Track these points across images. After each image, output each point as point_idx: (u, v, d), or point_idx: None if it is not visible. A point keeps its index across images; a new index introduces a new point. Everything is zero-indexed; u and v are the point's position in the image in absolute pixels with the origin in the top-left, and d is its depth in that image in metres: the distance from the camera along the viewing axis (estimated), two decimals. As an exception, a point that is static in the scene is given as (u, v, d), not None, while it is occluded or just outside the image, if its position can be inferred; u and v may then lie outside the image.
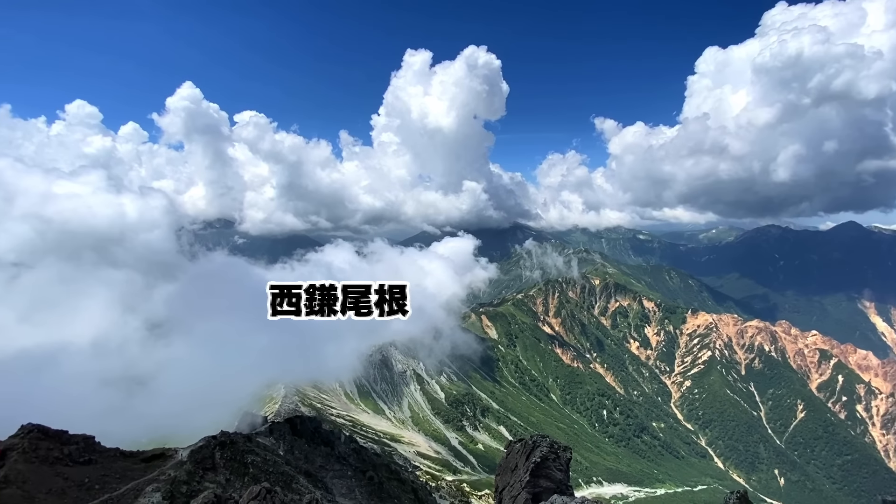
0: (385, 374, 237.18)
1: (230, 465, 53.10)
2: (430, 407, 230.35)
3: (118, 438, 60.70)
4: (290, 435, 69.63)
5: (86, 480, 46.72)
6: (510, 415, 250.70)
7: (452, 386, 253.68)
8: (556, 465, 28.76)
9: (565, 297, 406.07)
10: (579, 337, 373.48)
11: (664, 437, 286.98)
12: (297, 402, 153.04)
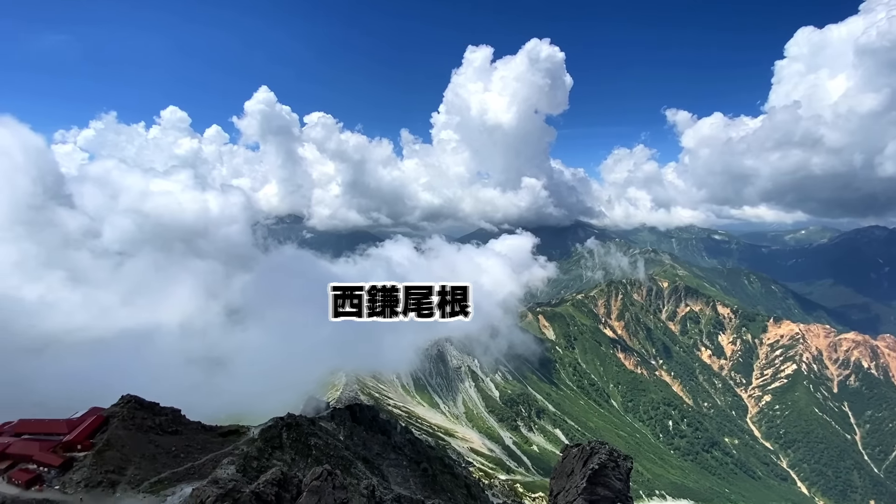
0: (440, 369, 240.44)
1: (295, 445, 56.71)
2: (485, 404, 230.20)
3: (200, 413, 66.91)
4: (349, 421, 72.95)
5: (172, 449, 52.11)
6: (567, 418, 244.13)
7: (507, 385, 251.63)
8: (615, 474, 27.60)
9: (629, 299, 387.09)
10: (644, 342, 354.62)
11: (738, 454, 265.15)
12: (356, 391, 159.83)
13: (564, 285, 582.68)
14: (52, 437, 48.31)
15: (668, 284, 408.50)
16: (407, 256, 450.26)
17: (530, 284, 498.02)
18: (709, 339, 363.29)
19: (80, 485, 40.39)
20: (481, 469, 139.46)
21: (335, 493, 29.50)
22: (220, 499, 26.80)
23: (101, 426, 50.64)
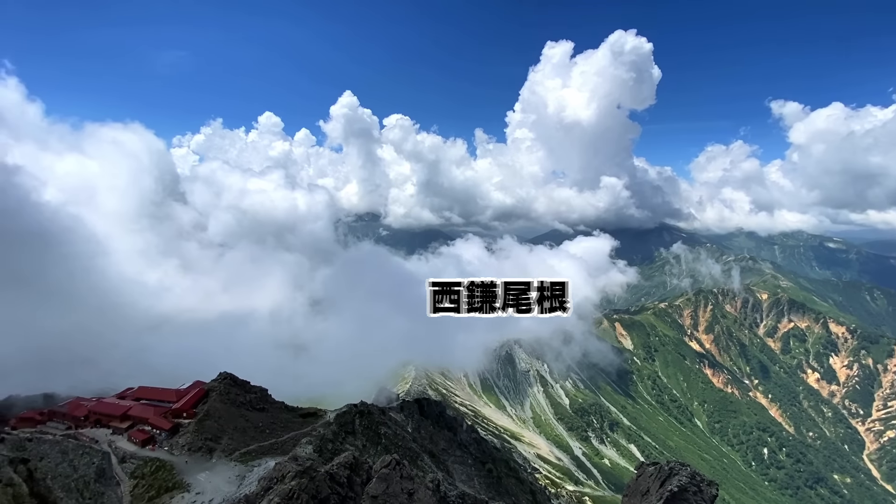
0: (508, 371, 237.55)
1: (367, 432, 59.26)
2: (554, 411, 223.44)
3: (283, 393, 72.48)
4: (417, 415, 74.69)
5: (259, 424, 57.02)
6: (643, 434, 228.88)
7: (579, 393, 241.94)
8: (696, 500, 25.19)
9: (721, 310, 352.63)
10: (736, 359, 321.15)
11: (850, 494, 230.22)
12: (425, 385, 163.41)
13: (645, 292, 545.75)
14: (164, 403, 55.26)
15: (769, 296, 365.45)
16: (477, 256, 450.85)
17: (607, 290, 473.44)
18: (817, 360, 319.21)
19: (184, 448, 45.68)
20: (548, 477, 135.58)
21: (402, 482, 30.29)
22: (298, 475, 28.74)
23: (203, 398, 56.92)
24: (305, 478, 28.45)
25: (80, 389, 63.79)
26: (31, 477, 3.08)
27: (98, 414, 51.40)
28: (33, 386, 63.23)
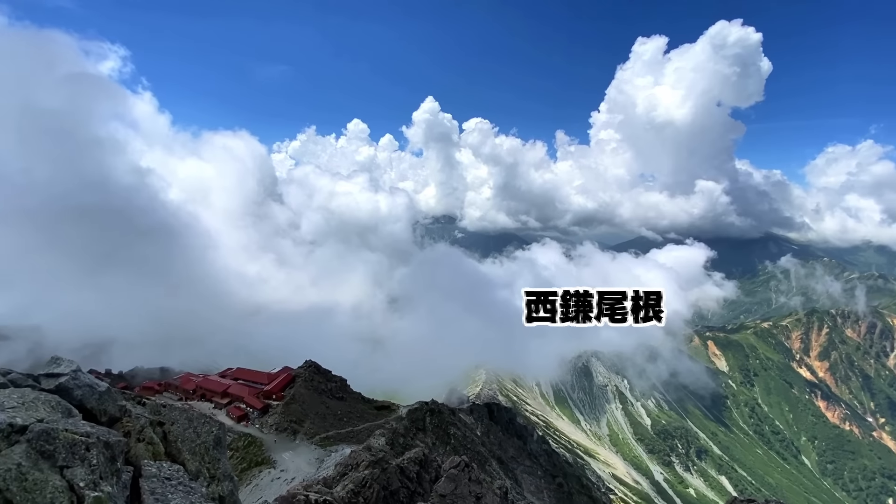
0: (584, 384, 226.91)
1: (436, 431, 59.86)
2: (633, 431, 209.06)
3: (360, 384, 75.98)
4: (487, 419, 73.94)
5: (338, 412, 60.24)
6: (736, 466, 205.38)
7: (662, 414, 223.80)
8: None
9: (840, 335, 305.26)
10: (858, 392, 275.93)
11: None
12: (495, 390, 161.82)
13: (745, 309, 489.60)
14: (257, 385, 60.62)
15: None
16: (554, 261, 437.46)
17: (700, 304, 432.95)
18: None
19: (272, 427, 49.63)
20: (623, 499, 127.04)
21: (471, 485, 29.95)
22: (371, 465, 29.70)
23: (290, 383, 61.49)
24: (378, 468, 29.27)
25: (190, 366, 72.42)
26: (166, 438, 3.44)
27: (204, 389, 57.83)
28: (153, 360, 73.05)
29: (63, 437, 2.63)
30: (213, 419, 5.52)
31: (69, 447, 2.63)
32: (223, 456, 5.12)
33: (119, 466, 2.81)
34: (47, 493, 2.35)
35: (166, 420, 4.44)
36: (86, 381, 4.09)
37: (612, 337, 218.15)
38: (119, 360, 76.41)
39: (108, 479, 2.66)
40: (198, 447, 4.59)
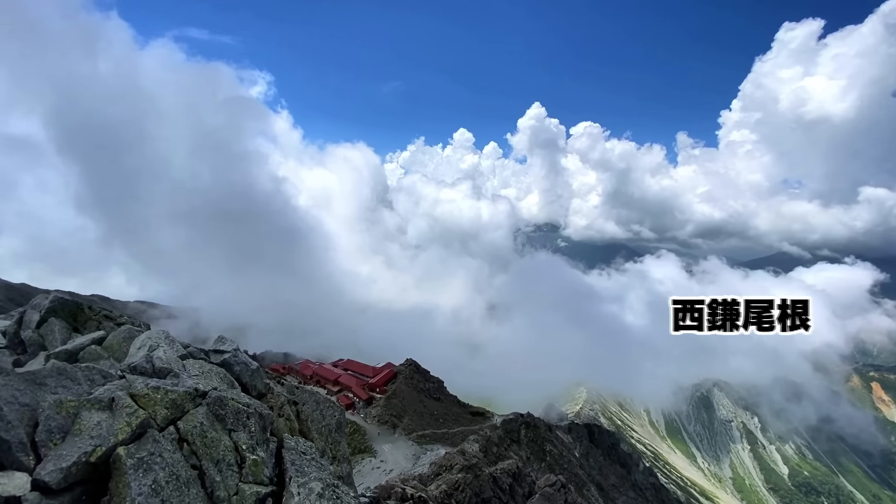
0: (703, 417, 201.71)
1: (531, 445, 58.27)
2: (764, 478, 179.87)
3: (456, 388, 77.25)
4: (586, 440, 69.86)
5: (435, 412, 61.99)
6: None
7: (805, 464, 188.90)
8: None
9: None
10: None
11: None
12: (597, 411, 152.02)
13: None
14: (363, 377, 65.19)
15: None
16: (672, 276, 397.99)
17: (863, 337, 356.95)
18: None
19: (374, 419, 52.94)
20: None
21: (565, 508, 28.57)
22: (464, 469, 30.00)
23: (392, 378, 65.02)
24: (471, 474, 29.45)
25: (308, 353, 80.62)
26: (299, 417, 4.05)
27: (319, 376, 63.93)
28: (279, 345, 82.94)
29: (231, 404, 3.19)
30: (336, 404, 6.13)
31: (235, 414, 3.19)
32: (342, 439, 5.67)
33: (268, 436, 3.32)
34: (220, 449, 2.87)
35: (299, 400, 5.08)
36: (242, 359, 4.90)
37: (742, 366, 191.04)
38: (253, 342, 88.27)
39: (261, 445, 3.16)
40: (323, 428, 5.17)
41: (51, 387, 2.64)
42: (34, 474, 2.17)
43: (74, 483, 2.21)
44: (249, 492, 2.83)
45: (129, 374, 3.24)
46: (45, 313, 5.32)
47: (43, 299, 5.53)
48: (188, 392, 3.01)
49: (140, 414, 2.60)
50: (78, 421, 2.44)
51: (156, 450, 2.48)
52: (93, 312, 5.76)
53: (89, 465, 2.25)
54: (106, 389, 2.78)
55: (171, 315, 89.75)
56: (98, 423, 2.43)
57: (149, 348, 4.22)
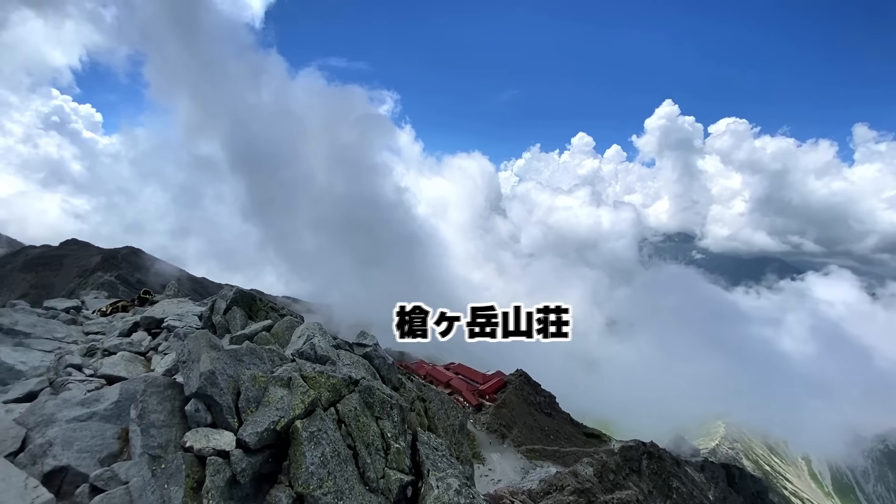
0: (887, 476, 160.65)
1: (654, 478, 52.76)
2: None
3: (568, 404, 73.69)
4: (723, 482, 60.79)
5: (545, 428, 59.92)
6: None
7: None
8: None
9: None
10: None
11: None
12: (738, 451, 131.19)
13: None
14: (473, 382, 65.98)
15: None
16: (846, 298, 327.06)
17: None
18: None
19: (483, 426, 53.17)
20: None
21: (696, 557, 25.19)
22: (577, 493, 28.40)
23: (501, 387, 64.68)
24: (584, 498, 27.78)
25: (421, 353, 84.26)
26: (427, 413, 4.34)
27: (431, 377, 66.51)
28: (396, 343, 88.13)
29: (378, 394, 3.52)
30: (458, 406, 6.32)
31: (381, 403, 3.50)
32: (464, 441, 5.83)
33: (405, 428, 3.58)
34: (370, 434, 3.18)
35: (426, 398, 5.39)
36: (381, 353, 5.37)
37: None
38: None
39: (402, 436, 3.42)
40: (448, 427, 5.39)
41: (246, 363, 3.22)
42: (238, 434, 2.66)
43: (265, 446, 2.65)
44: (394, 477, 3.08)
45: (298, 359, 3.78)
46: (229, 303, 6.48)
47: (228, 291, 6.75)
48: (344, 378, 3.40)
49: (311, 394, 3.01)
50: (267, 394, 2.93)
51: (322, 427, 2.85)
52: (262, 304, 6.85)
53: (275, 433, 2.68)
54: (284, 369, 3.29)
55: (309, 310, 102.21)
56: (281, 398, 2.88)
57: (307, 337, 4.85)
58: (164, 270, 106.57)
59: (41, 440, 3.29)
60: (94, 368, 5.19)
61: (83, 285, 78.90)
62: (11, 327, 6.59)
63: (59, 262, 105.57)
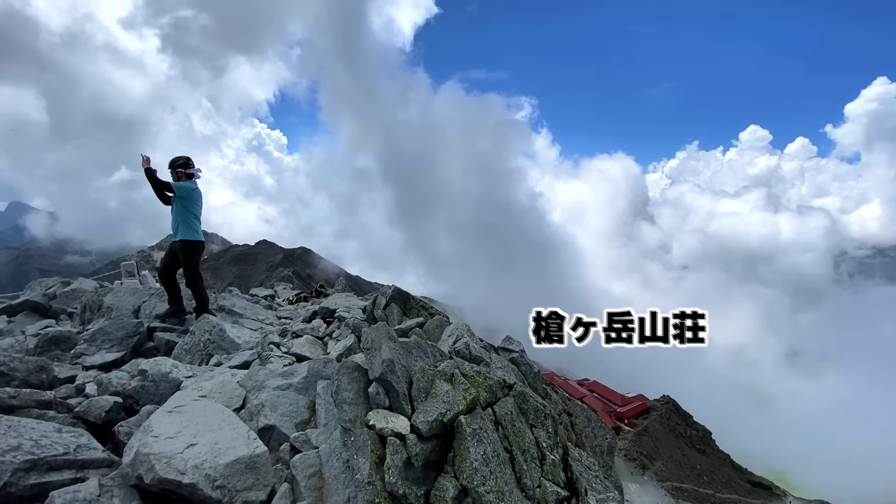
0: None
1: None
2: None
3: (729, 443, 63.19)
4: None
5: (697, 466, 52.37)
6: None
7: None
8: None
9: None
10: None
11: None
12: None
13: None
14: (610, 403, 61.26)
15: None
16: None
17: None
18: None
19: (621, 452, 48.88)
20: None
21: None
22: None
23: (643, 413, 58.71)
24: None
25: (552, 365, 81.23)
26: (572, 428, 4.23)
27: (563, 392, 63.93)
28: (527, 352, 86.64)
29: (532, 401, 3.50)
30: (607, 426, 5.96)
31: (535, 411, 3.48)
32: (613, 464, 5.44)
33: (558, 441, 3.49)
34: (525, 441, 3.18)
35: (572, 412, 5.17)
36: (527, 360, 5.35)
37: None
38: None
39: (555, 448, 3.34)
40: (596, 448, 5.09)
41: (414, 355, 3.51)
42: (411, 420, 2.92)
43: (433, 435, 2.85)
44: (550, 489, 3.02)
45: (455, 357, 4.00)
46: (388, 299, 7.19)
47: (388, 289, 7.50)
48: (499, 381, 3.47)
49: (472, 391, 3.15)
50: (434, 386, 3.16)
51: (482, 426, 2.95)
52: (415, 302, 7.44)
53: (442, 423, 2.86)
54: (446, 365, 3.50)
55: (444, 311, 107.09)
56: (446, 392, 3.07)
57: (456, 337, 5.08)
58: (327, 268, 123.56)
59: (256, 401, 4.06)
60: (287, 347, 6.26)
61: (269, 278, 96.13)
62: (231, 308, 8.36)
63: (254, 259, 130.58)
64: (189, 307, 7.75)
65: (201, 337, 6.43)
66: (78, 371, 5.37)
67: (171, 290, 7.64)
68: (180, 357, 6.14)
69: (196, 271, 7.35)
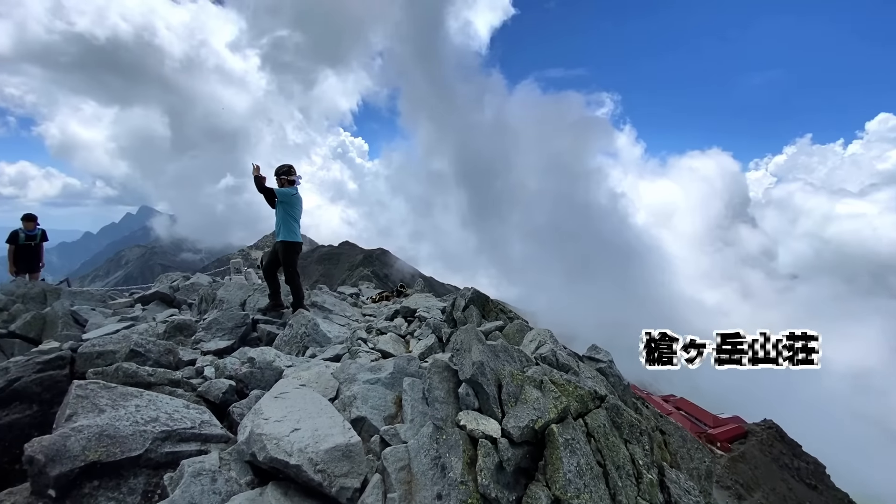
0: None
1: None
2: None
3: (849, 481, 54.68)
4: None
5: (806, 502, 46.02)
6: None
7: None
8: None
9: None
10: None
11: None
12: None
13: None
14: (700, 423, 56.01)
15: None
16: None
17: None
18: None
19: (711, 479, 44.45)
20: None
21: None
22: None
23: (740, 437, 52.86)
24: None
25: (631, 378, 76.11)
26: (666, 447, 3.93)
27: (647, 405, 59.66)
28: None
29: (626, 416, 3.33)
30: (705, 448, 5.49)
31: (629, 426, 3.30)
32: (712, 489, 4.98)
33: (654, 459, 3.26)
34: (620, 457, 3.02)
35: (665, 430, 4.81)
36: (616, 372, 5.09)
37: None
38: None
39: (652, 467, 3.14)
40: (693, 471, 4.69)
41: (502, 359, 3.50)
42: (502, 424, 2.91)
43: (524, 441, 2.82)
44: (648, 510, 2.84)
45: (541, 363, 3.92)
46: (467, 301, 7.24)
47: (467, 291, 7.57)
48: (590, 392, 3.34)
49: (563, 400, 3.06)
50: (523, 392, 3.12)
51: (575, 436, 2.86)
52: (493, 305, 7.41)
53: (533, 430, 2.81)
54: (535, 371, 3.45)
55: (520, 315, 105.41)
56: (536, 399, 3.02)
57: (538, 343, 4.97)
58: (403, 268, 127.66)
59: (348, 393, 4.30)
60: (373, 343, 6.58)
61: (350, 277, 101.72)
62: (322, 305, 8.98)
63: (337, 258, 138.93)
64: (286, 302, 8.52)
65: (298, 330, 7.02)
66: (197, 355, 6.13)
67: (272, 286, 8.47)
68: (280, 347, 6.76)
69: (294, 270, 8.07)
